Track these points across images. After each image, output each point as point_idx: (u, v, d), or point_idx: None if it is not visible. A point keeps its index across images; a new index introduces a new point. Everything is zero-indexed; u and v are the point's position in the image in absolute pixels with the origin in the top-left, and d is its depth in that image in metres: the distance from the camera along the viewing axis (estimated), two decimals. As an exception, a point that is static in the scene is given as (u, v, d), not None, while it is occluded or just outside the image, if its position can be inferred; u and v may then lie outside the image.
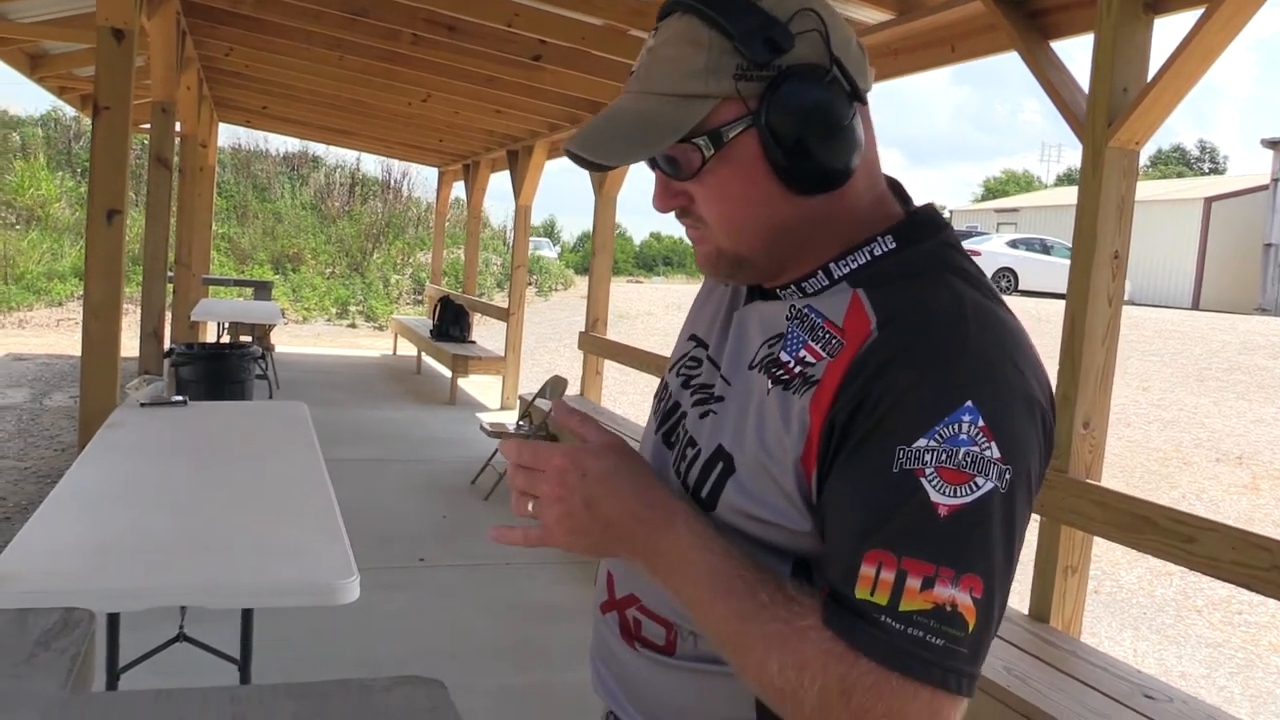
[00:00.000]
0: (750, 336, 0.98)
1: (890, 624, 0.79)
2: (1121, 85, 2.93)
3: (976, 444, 0.80)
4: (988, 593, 0.79)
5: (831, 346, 0.89)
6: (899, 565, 0.79)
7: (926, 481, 0.80)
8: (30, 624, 1.27)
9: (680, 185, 0.94)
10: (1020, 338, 0.89)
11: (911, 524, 0.80)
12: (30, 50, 7.72)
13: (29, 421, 7.69)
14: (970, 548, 0.79)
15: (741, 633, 0.84)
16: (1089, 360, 2.98)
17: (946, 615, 0.78)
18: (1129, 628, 5.20)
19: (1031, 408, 0.85)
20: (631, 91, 0.93)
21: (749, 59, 0.88)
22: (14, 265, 16.48)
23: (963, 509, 0.79)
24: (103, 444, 3.08)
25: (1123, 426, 8.44)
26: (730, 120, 0.89)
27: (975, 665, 0.80)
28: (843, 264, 0.94)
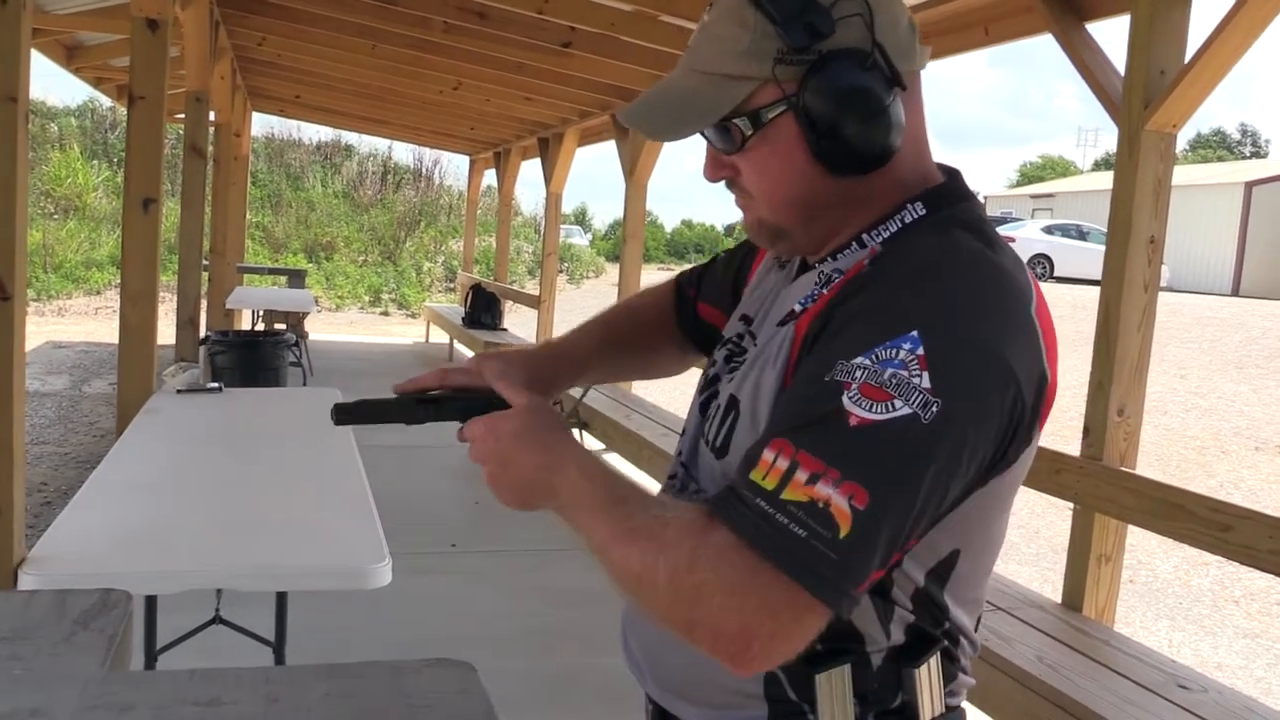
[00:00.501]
0: (784, 304, 1.03)
1: (763, 505, 0.81)
2: (1158, 67, 2.89)
3: (907, 369, 0.81)
4: (871, 508, 0.79)
5: (832, 281, 0.96)
6: (794, 456, 0.81)
7: (848, 394, 0.81)
8: (69, 605, 1.30)
9: (727, 158, 0.98)
10: (1014, 303, 0.89)
11: (820, 425, 0.82)
12: (66, 42, 7.81)
13: (69, 408, 7.81)
14: (864, 460, 0.80)
15: (611, 535, 0.89)
16: (1124, 347, 2.94)
17: (818, 511, 0.79)
18: (1164, 617, 5.14)
19: (989, 361, 0.84)
20: (684, 67, 0.98)
21: (789, 43, 0.90)
22: (53, 254, 16.73)
23: (873, 424, 0.80)
24: (140, 430, 3.13)
25: (1160, 414, 8.34)
26: (769, 103, 0.92)
27: (841, 576, 0.79)
28: (875, 233, 0.97)
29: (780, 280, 1.10)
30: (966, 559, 0.95)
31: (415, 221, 21.54)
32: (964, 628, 0.99)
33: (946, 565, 0.94)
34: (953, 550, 0.93)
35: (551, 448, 0.97)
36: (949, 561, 0.94)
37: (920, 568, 0.93)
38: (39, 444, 6.52)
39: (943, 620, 0.96)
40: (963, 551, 0.94)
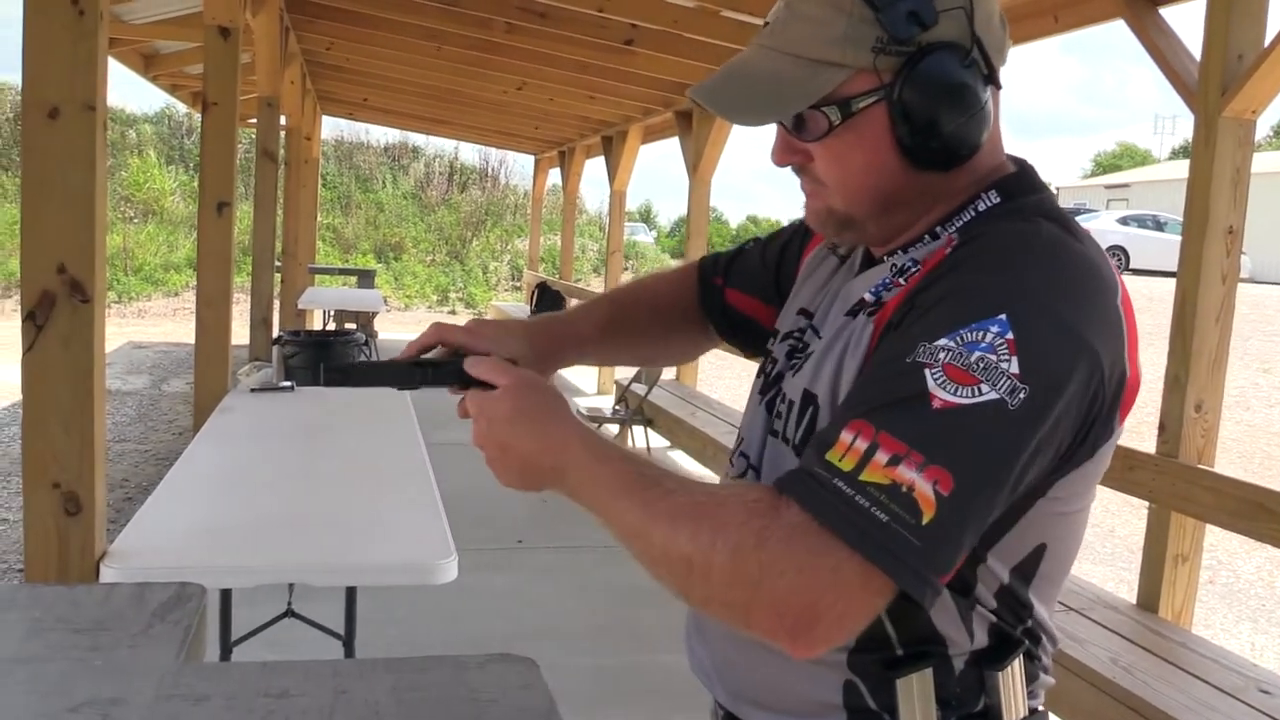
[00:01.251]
0: (851, 295, 0.99)
1: (841, 486, 0.78)
2: (1236, 51, 2.80)
3: (995, 352, 0.78)
4: (956, 494, 0.76)
5: (910, 275, 0.92)
6: (875, 437, 0.78)
7: (931, 375, 0.79)
8: (147, 598, 1.34)
9: (801, 144, 0.94)
10: (1100, 288, 0.86)
11: (901, 406, 0.79)
12: (143, 50, 8.04)
13: (148, 406, 8.05)
14: (949, 444, 0.77)
15: (646, 516, 0.84)
16: (1201, 341, 2.86)
17: (901, 495, 0.76)
18: (1246, 620, 4.99)
19: (1076, 347, 0.81)
20: (764, 46, 0.92)
21: (890, 33, 0.86)
22: (133, 257, 17.24)
23: (957, 408, 0.77)
24: (215, 428, 3.21)
25: (1241, 410, 8.09)
26: (861, 92, 0.88)
27: (925, 564, 0.76)
28: (949, 224, 0.94)
29: (841, 274, 1.07)
30: (1051, 555, 0.92)
31: (481, 221, 21.75)
32: (1045, 625, 0.96)
33: (1032, 561, 0.91)
34: (1039, 545, 0.91)
35: (549, 429, 0.93)
36: (1034, 557, 0.91)
37: (1005, 565, 0.90)
38: (120, 441, 6.72)
39: (1025, 618, 0.93)
40: (1048, 546, 0.91)
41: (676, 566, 0.83)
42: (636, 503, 0.86)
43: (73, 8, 1.93)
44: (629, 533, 0.86)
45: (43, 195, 1.96)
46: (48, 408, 2.01)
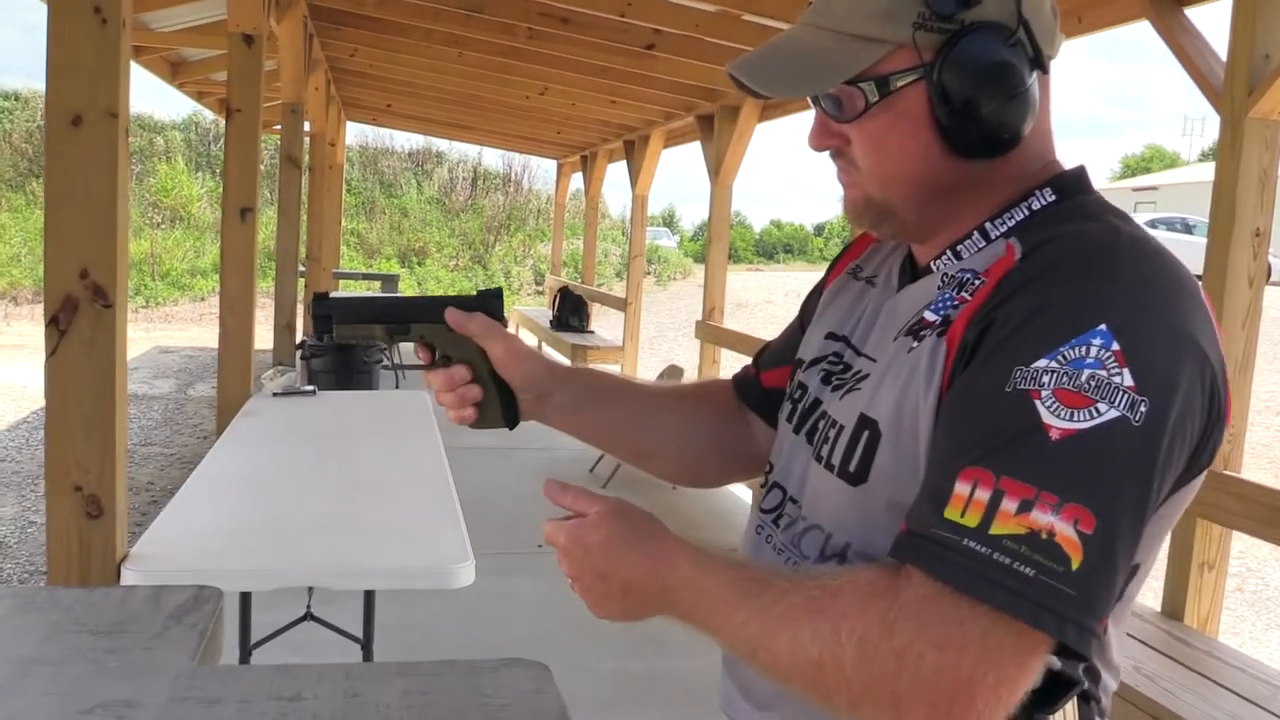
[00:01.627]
0: (901, 314, 0.94)
1: (974, 547, 0.71)
2: (1263, 51, 2.76)
3: (1105, 367, 0.72)
4: (1101, 531, 0.70)
5: (974, 288, 0.85)
6: (996, 485, 0.72)
7: (1041, 403, 0.72)
8: (164, 600, 1.35)
9: (838, 127, 0.91)
10: (1189, 285, 0.80)
11: (1018, 444, 0.72)
12: (170, 58, 8.13)
13: (174, 410, 8.12)
14: (1080, 477, 0.71)
15: (767, 625, 0.78)
16: (1227, 345, 2.82)
17: (1041, 543, 0.69)
18: (1276, 628, 4.92)
19: (1185, 347, 0.75)
20: (806, 23, 0.90)
21: (933, 8, 0.83)
22: (160, 263, 17.44)
23: (1078, 434, 0.71)
24: (238, 432, 3.24)
25: (1272, 415, 7.99)
26: (901, 69, 0.85)
27: (1084, 612, 0.70)
28: (1000, 222, 0.89)
29: (876, 293, 1.02)
30: (1139, 576, 0.84)
31: (504, 225, 21.85)
32: (1111, 660, 0.87)
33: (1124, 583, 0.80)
34: (1135, 565, 0.81)
35: (652, 549, 0.87)
36: (1128, 579, 0.82)
37: None
38: (146, 445, 6.79)
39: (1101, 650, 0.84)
40: (1141, 566, 0.83)
41: (809, 674, 0.76)
42: (754, 612, 0.79)
43: (95, 16, 1.95)
44: (748, 646, 0.81)
45: (66, 201, 1.98)
46: (70, 412, 2.03)
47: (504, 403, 1.11)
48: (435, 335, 1.10)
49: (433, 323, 1.10)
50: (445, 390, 1.09)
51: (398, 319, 1.11)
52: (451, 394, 1.09)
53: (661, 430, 1.19)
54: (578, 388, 1.16)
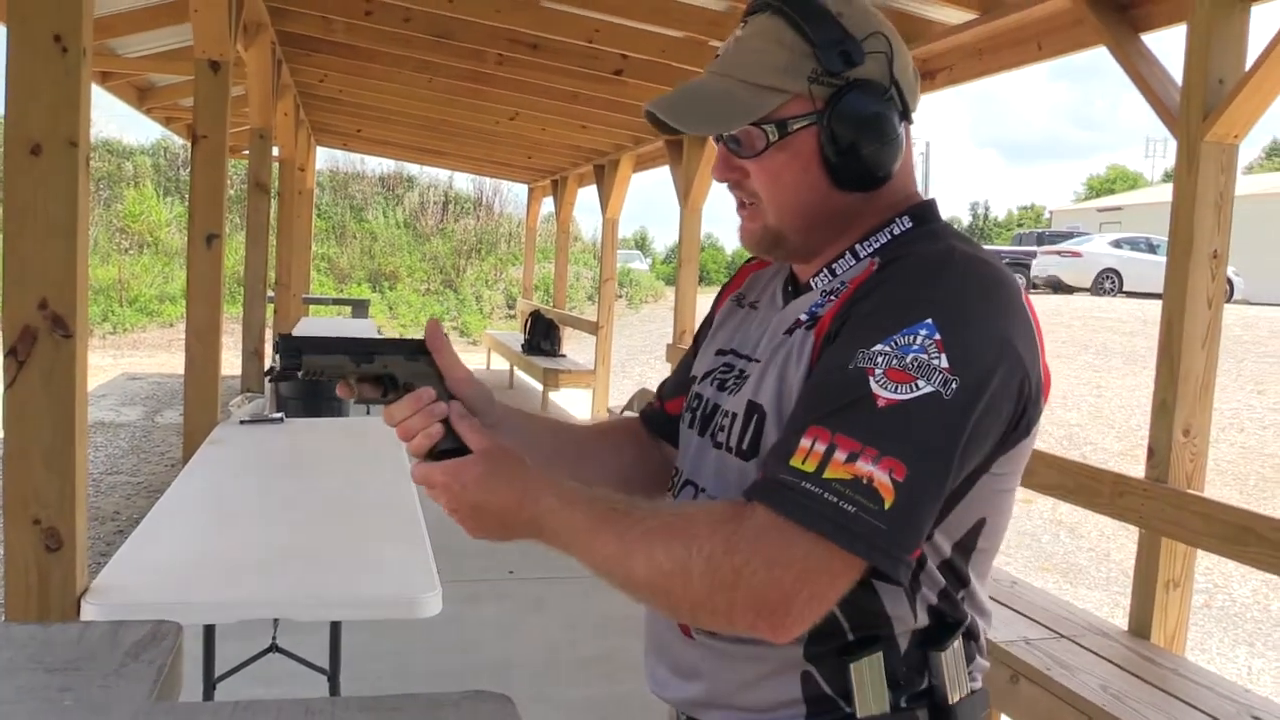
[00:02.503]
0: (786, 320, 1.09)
1: (808, 487, 0.88)
2: (1217, 77, 2.82)
3: (927, 353, 0.89)
4: (910, 479, 0.87)
5: (840, 292, 1.03)
6: (832, 439, 0.89)
7: (873, 378, 0.90)
8: (121, 636, 1.33)
9: (739, 161, 1.07)
10: (1009, 295, 0.97)
11: (852, 409, 0.90)
12: (138, 83, 8.09)
13: (141, 438, 8.03)
14: (897, 436, 0.88)
15: (625, 545, 0.93)
16: (1188, 365, 2.86)
17: (863, 487, 0.86)
18: (1243, 644, 4.97)
19: (998, 343, 0.93)
20: (715, 72, 1.06)
21: (824, 66, 1.01)
22: (128, 288, 17.27)
23: (899, 403, 0.88)
24: (204, 460, 3.20)
25: (1235, 432, 8.09)
26: (797, 115, 1.02)
27: (893, 543, 0.87)
28: (867, 244, 1.07)
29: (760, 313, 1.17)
30: (989, 529, 1.02)
31: (475, 250, 21.82)
32: (981, 604, 1.06)
33: (972, 535, 1.01)
34: (979, 519, 1.00)
35: (521, 485, 1.01)
36: (975, 531, 1.01)
37: (949, 539, 0.99)
38: (113, 473, 6.70)
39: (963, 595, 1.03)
40: (987, 520, 1.01)
41: (660, 584, 0.92)
42: (613, 535, 0.95)
43: (56, 45, 1.94)
44: (611, 564, 0.95)
45: (24, 231, 1.96)
46: (29, 443, 2.00)
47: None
48: (396, 365, 1.15)
49: (393, 354, 1.16)
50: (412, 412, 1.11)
51: (361, 349, 1.16)
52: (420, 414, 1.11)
53: (595, 465, 1.31)
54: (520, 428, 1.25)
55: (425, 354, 1.16)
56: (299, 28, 5.98)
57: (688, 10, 4.87)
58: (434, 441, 1.12)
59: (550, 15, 5.22)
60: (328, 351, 1.16)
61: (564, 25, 5.30)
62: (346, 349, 1.16)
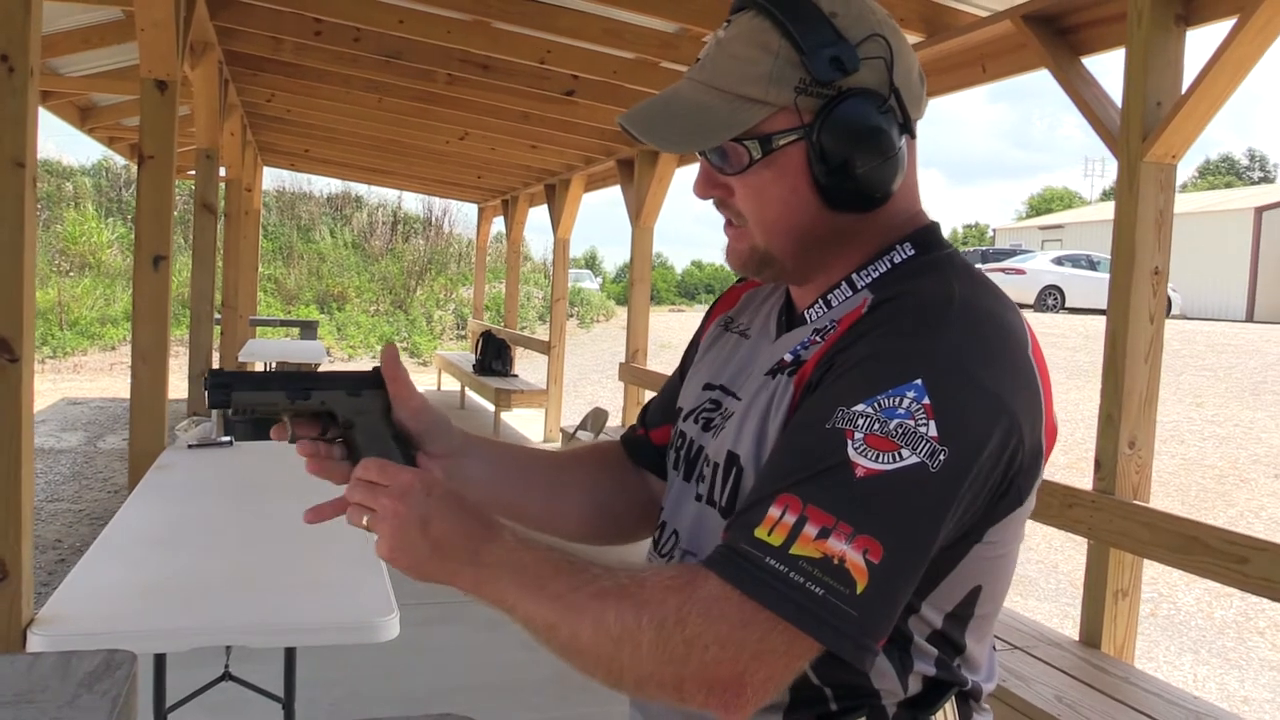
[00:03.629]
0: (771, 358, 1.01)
1: (773, 564, 0.80)
2: (1155, 99, 2.90)
3: (914, 418, 0.80)
4: (886, 561, 0.79)
5: (827, 333, 0.94)
6: (803, 511, 0.80)
7: (852, 443, 0.81)
8: (74, 667, 1.30)
9: (723, 178, 0.97)
10: (1011, 348, 0.88)
11: (826, 477, 0.81)
12: (80, 103, 7.96)
13: (83, 464, 7.84)
14: (875, 512, 0.79)
15: (576, 601, 0.84)
16: (1132, 379, 2.93)
17: (833, 568, 0.78)
18: (1188, 651, 5.07)
19: (993, 409, 0.84)
20: (693, 79, 0.96)
21: (813, 75, 0.90)
22: (69, 311, 16.89)
23: (880, 474, 0.80)
24: (151, 486, 3.14)
25: (1176, 444, 8.27)
26: (783, 129, 0.92)
27: (862, 632, 0.79)
28: (865, 273, 0.97)
29: (750, 344, 1.09)
30: (986, 596, 0.94)
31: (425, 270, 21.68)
32: (978, 664, 0.97)
33: (967, 604, 0.92)
34: (974, 588, 0.92)
35: (481, 518, 0.92)
36: (970, 599, 0.92)
37: (939, 611, 0.91)
38: (54, 501, 6.54)
39: (958, 661, 0.94)
40: (984, 588, 0.93)
41: (605, 650, 0.83)
42: (566, 588, 0.85)
43: (2, 64, 1.91)
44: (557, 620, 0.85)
45: (-32, 253, 1.92)
46: (-28, 471, 1.95)
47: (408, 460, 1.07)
48: (335, 400, 1.08)
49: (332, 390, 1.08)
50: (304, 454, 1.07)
51: (298, 386, 1.09)
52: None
53: (568, 495, 1.22)
54: (488, 457, 1.17)
55: (369, 388, 1.08)
56: (247, 47, 5.93)
57: (640, 32, 4.91)
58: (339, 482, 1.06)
59: (502, 36, 5.23)
60: (260, 388, 1.09)
61: (515, 46, 5.31)
62: (281, 384, 1.09)
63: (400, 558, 0.91)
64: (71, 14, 5.41)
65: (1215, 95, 2.80)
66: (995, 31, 3.66)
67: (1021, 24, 3.32)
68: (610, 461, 1.27)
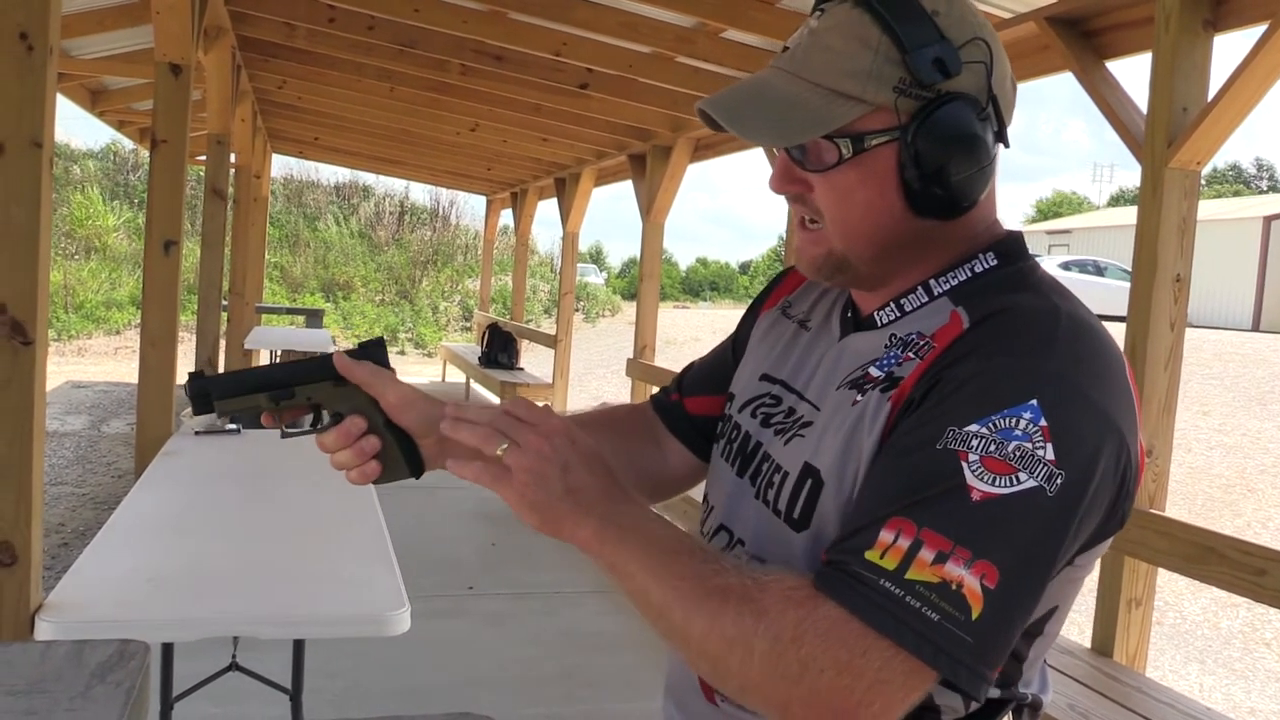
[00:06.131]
0: (845, 362, 0.97)
1: (888, 587, 0.76)
2: (1181, 105, 2.87)
3: (1031, 440, 0.78)
4: (1003, 587, 0.76)
5: (922, 350, 0.89)
6: (917, 535, 0.77)
7: (968, 465, 0.78)
8: (87, 656, 1.28)
9: (802, 174, 0.93)
10: (1116, 365, 0.86)
11: (942, 501, 0.78)
12: (91, 86, 7.93)
13: (87, 448, 7.83)
14: (994, 536, 0.77)
15: (698, 589, 0.81)
16: (1151, 386, 2.90)
17: (950, 593, 0.75)
18: (1194, 661, 5.05)
19: (1106, 429, 0.81)
20: (783, 69, 0.91)
21: (915, 76, 0.86)
22: (74, 295, 16.89)
23: (997, 498, 0.77)
24: (158, 472, 3.12)
25: (1183, 452, 8.25)
26: (877, 129, 0.88)
27: (978, 660, 0.76)
28: (944, 280, 0.94)
29: (810, 338, 1.05)
30: (1059, 615, 0.92)
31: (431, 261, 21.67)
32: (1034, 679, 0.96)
33: (1041, 622, 0.90)
34: (1051, 608, 0.90)
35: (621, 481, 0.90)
36: (1044, 619, 0.90)
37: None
38: (57, 484, 6.53)
39: (1020, 677, 0.92)
40: (1059, 607, 0.91)
41: (717, 649, 0.80)
42: (691, 572, 0.83)
43: (21, 43, 1.88)
44: (672, 603, 0.82)
45: (-16, 233, 1.90)
46: (-17, 454, 1.93)
47: (405, 451, 1.05)
48: (322, 393, 1.06)
49: (317, 382, 1.05)
50: (341, 447, 1.03)
51: (280, 384, 1.06)
52: (349, 450, 1.03)
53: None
54: None
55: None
56: (260, 33, 5.90)
57: (656, 26, 4.87)
58: (370, 478, 1.05)
59: (517, 27, 5.20)
60: (241, 391, 1.06)
61: (531, 37, 5.28)
62: (263, 385, 1.06)
63: (532, 495, 0.87)
64: (86, -4, 5.39)
65: (1243, 102, 2.77)
66: (1019, 33, 3.62)
67: (1045, 26, 3.28)
68: (626, 427, 1.22)
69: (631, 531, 0.86)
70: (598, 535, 0.86)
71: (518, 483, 0.88)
